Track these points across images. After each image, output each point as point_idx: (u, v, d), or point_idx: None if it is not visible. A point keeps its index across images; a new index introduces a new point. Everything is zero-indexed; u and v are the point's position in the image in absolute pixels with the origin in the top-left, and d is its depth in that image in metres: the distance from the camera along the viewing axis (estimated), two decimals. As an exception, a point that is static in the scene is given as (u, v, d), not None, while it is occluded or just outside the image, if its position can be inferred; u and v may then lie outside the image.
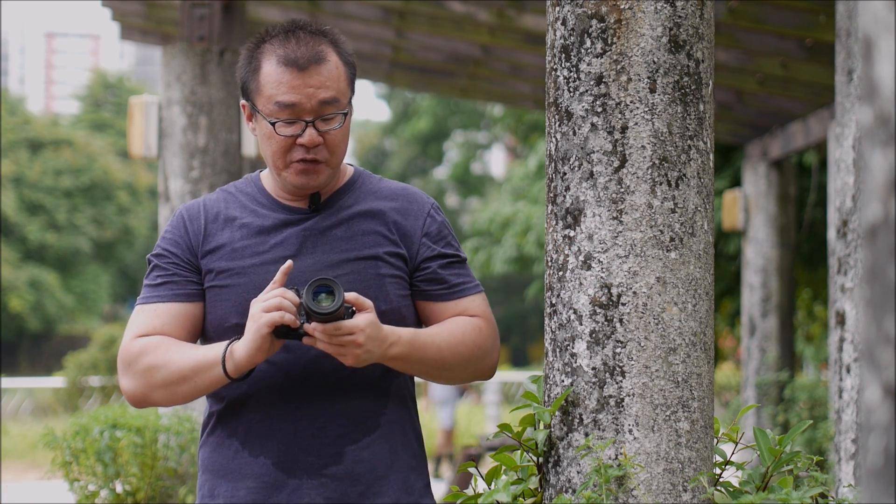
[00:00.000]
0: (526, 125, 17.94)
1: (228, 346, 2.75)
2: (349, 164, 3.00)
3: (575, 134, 2.64)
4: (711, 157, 2.69)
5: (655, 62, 2.61)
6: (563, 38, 2.67)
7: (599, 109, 2.62)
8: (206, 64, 6.78)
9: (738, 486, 2.65)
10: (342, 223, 2.88)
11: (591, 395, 2.60)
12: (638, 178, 2.61)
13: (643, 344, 2.59)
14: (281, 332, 2.70)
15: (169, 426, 5.83)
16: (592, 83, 2.63)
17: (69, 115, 49.31)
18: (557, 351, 2.66)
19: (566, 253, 2.64)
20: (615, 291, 2.60)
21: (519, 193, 19.19)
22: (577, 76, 2.65)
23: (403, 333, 2.77)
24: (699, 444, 2.61)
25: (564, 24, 2.67)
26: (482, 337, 2.89)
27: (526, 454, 2.70)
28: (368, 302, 2.71)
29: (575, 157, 2.64)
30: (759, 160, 10.95)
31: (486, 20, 8.84)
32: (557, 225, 2.67)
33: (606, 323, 2.60)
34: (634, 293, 2.59)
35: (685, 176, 2.63)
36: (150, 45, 10.92)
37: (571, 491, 2.60)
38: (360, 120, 53.72)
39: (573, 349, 2.63)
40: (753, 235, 10.92)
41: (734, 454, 2.70)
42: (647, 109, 2.61)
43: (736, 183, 12.56)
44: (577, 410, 2.61)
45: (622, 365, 2.59)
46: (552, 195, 2.69)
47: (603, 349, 2.60)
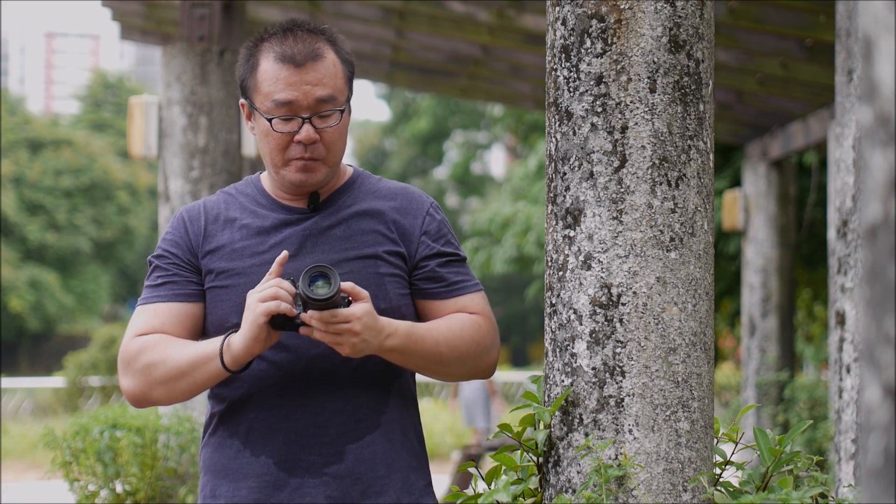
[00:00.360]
0: (526, 125, 17.94)
1: (225, 338, 2.75)
2: (348, 164, 3.00)
3: (575, 134, 2.64)
4: (711, 157, 2.69)
5: (655, 62, 2.61)
6: (563, 38, 2.67)
7: (599, 109, 2.62)
8: (206, 64, 6.78)
9: (738, 486, 2.65)
10: (341, 223, 2.88)
11: (591, 395, 2.60)
12: (638, 178, 2.61)
13: (643, 344, 2.59)
14: (278, 322, 2.70)
15: (169, 426, 5.83)
16: (592, 83, 2.63)
17: (69, 115, 49.30)
18: (557, 351, 2.66)
19: (566, 253, 2.64)
20: (615, 291, 2.60)
21: (519, 193, 19.20)
22: (577, 76, 2.65)
23: (400, 326, 2.77)
24: (699, 444, 2.61)
25: (564, 24, 2.67)
26: (481, 334, 2.89)
27: (526, 454, 2.70)
28: (364, 292, 2.71)
29: (575, 157, 2.64)
30: (759, 160, 10.95)
31: (486, 20, 8.84)
32: (557, 225, 2.67)
33: (606, 323, 2.60)
34: (634, 293, 2.59)
35: (685, 176, 2.63)
36: (150, 45, 10.92)
37: (571, 491, 2.60)
38: (360, 120, 53.70)
39: (573, 349, 2.63)
40: (753, 235, 10.92)
41: (734, 454, 2.70)
42: (647, 109, 2.61)
43: (736, 183, 12.56)
44: (577, 410, 2.61)
45: (622, 365, 2.59)
46: (552, 195, 2.69)
47: (603, 349, 2.60)
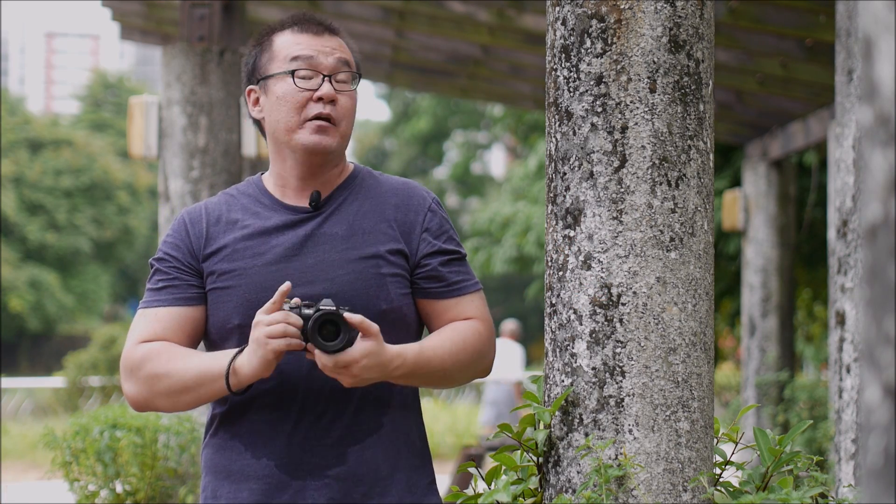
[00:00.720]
0: (526, 125, 17.94)
1: (231, 362, 2.75)
2: (350, 161, 3.01)
3: (575, 134, 2.64)
4: (711, 157, 2.69)
5: (655, 62, 2.61)
6: (563, 38, 2.67)
7: (599, 109, 2.62)
8: (206, 64, 6.78)
9: (738, 486, 2.65)
10: (343, 222, 2.88)
11: (591, 395, 2.60)
12: (638, 178, 2.61)
13: (643, 344, 2.59)
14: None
15: (169, 426, 5.83)
16: (592, 83, 2.63)
17: (69, 115, 49.27)
18: (557, 351, 2.66)
19: (566, 253, 2.64)
20: (615, 291, 2.60)
21: (519, 193, 19.20)
22: (577, 76, 2.65)
23: (409, 355, 2.77)
24: (699, 444, 2.61)
25: (564, 24, 2.67)
26: (481, 342, 2.90)
27: (526, 454, 2.70)
28: (374, 327, 2.70)
29: (575, 157, 2.64)
30: (759, 160, 10.95)
31: (486, 20, 8.84)
32: (557, 225, 2.67)
33: (606, 323, 2.60)
34: (634, 293, 2.59)
35: (685, 176, 2.63)
36: (150, 45, 10.92)
37: (571, 491, 2.60)
38: (360, 120, 53.66)
39: (573, 349, 2.62)
40: (753, 235, 10.92)
41: (734, 454, 2.70)
42: (647, 109, 2.61)
43: (736, 183, 12.56)
44: (577, 410, 2.61)
45: (622, 365, 2.59)
46: (552, 195, 2.69)
47: (603, 349, 2.60)
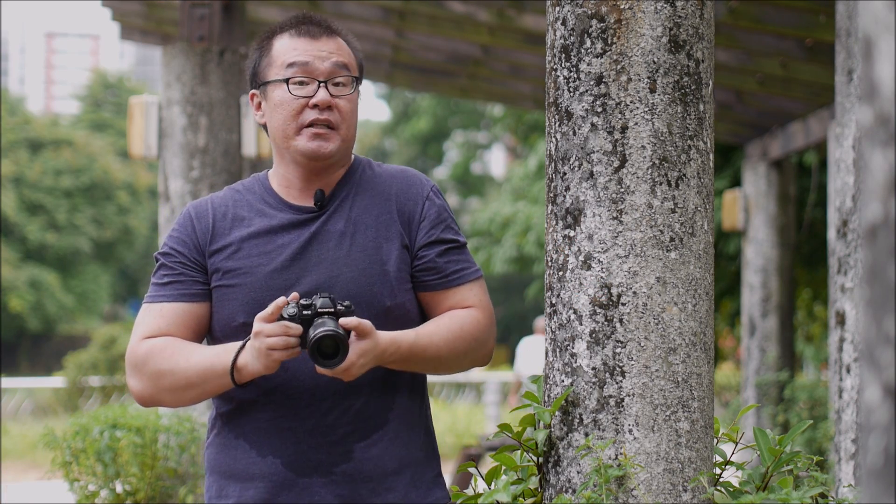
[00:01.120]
0: (526, 125, 17.94)
1: (234, 360, 2.76)
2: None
3: (575, 134, 2.64)
4: (711, 157, 2.69)
5: (655, 62, 2.61)
6: (563, 38, 2.67)
7: (599, 109, 2.62)
8: (206, 64, 6.78)
9: (738, 486, 2.65)
10: (346, 219, 2.89)
11: (591, 395, 2.60)
12: (638, 178, 2.61)
13: (643, 344, 2.59)
14: None
15: (169, 426, 5.83)
16: (592, 83, 2.63)
17: (69, 115, 49.26)
18: (557, 351, 2.66)
19: (566, 253, 2.64)
20: (615, 291, 2.60)
21: (519, 193, 19.20)
22: (577, 76, 2.65)
23: (403, 342, 2.79)
24: (699, 444, 2.61)
25: (564, 24, 2.67)
26: (479, 329, 2.91)
27: (526, 454, 2.70)
28: (367, 325, 2.73)
29: (575, 157, 2.64)
30: (759, 160, 10.95)
31: (486, 20, 8.84)
32: (557, 225, 2.67)
33: (606, 323, 2.60)
34: (634, 293, 2.59)
35: (685, 176, 2.63)
36: (150, 45, 10.92)
37: (571, 491, 2.60)
38: (360, 120, 53.57)
39: (573, 349, 2.62)
40: (753, 235, 10.92)
41: (734, 454, 2.70)
42: (647, 109, 2.61)
43: (736, 183, 12.56)
44: (577, 410, 2.61)
45: (622, 365, 2.59)
46: (552, 195, 2.69)
47: (603, 349, 2.60)
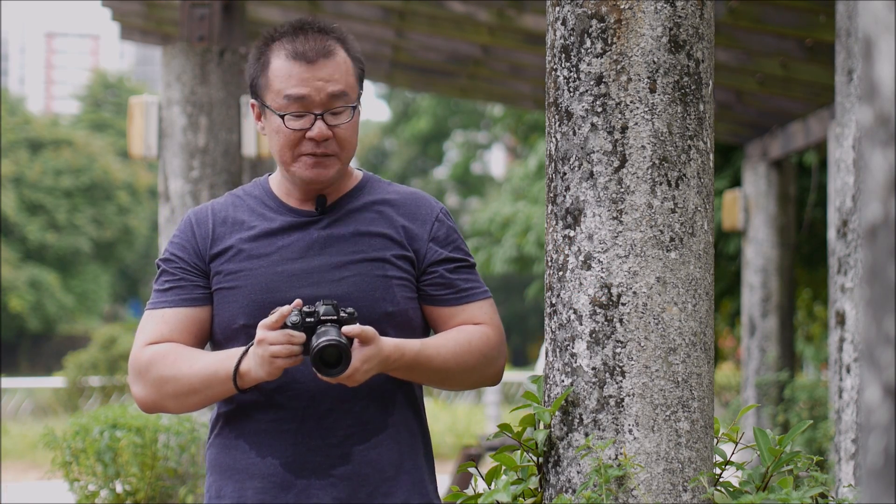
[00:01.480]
0: (526, 125, 17.93)
1: (237, 366, 2.76)
2: (358, 168, 3.01)
3: (575, 134, 2.64)
4: (711, 157, 2.69)
5: (655, 62, 2.61)
6: (563, 38, 2.67)
7: (599, 109, 2.62)
8: (206, 64, 6.78)
9: (738, 486, 2.65)
10: (349, 226, 2.89)
11: (591, 395, 2.60)
12: (638, 178, 2.61)
13: (643, 344, 2.59)
14: None
15: (169, 426, 5.83)
16: (592, 83, 2.63)
17: (69, 115, 49.25)
18: (557, 351, 2.66)
19: (566, 253, 2.64)
20: (615, 291, 2.60)
21: (519, 193, 19.20)
22: (577, 76, 2.65)
23: (408, 351, 2.78)
24: (699, 444, 2.61)
25: (564, 24, 2.67)
26: (489, 346, 2.88)
27: (526, 454, 2.70)
28: (370, 332, 2.72)
29: (575, 157, 2.64)
30: (759, 160, 10.95)
31: (486, 20, 8.84)
32: (557, 225, 2.67)
33: (606, 323, 2.60)
34: (634, 293, 2.59)
35: (685, 176, 2.63)
36: (150, 45, 10.92)
37: (571, 491, 2.60)
38: (360, 120, 53.54)
39: (573, 349, 2.62)
40: (753, 235, 10.92)
41: (734, 454, 2.70)
42: (647, 109, 2.61)
43: (736, 183, 12.56)
44: (577, 410, 2.61)
45: (622, 365, 2.59)
46: (552, 195, 2.69)
47: (603, 349, 2.60)
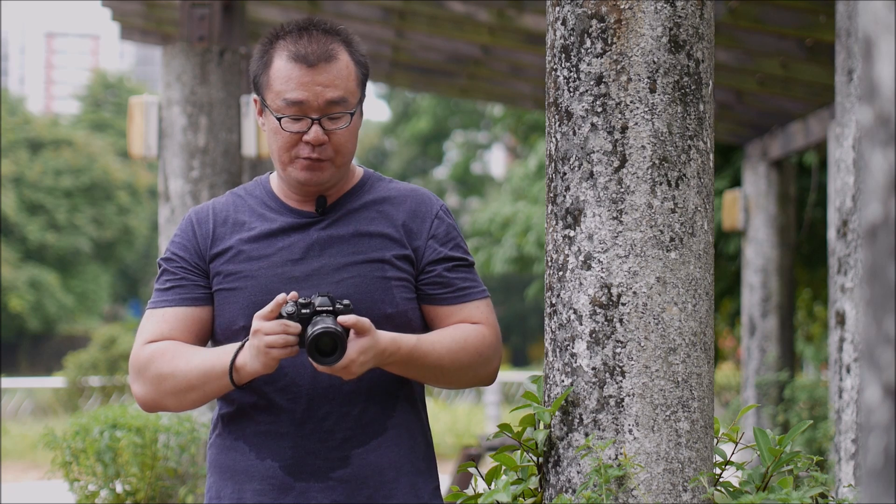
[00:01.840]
0: (526, 125, 17.93)
1: (233, 360, 2.76)
2: (360, 166, 3.00)
3: (575, 134, 2.64)
4: (711, 157, 2.69)
5: (655, 62, 2.61)
6: (563, 38, 2.67)
7: (599, 109, 2.62)
8: (206, 64, 6.78)
9: (738, 486, 2.65)
10: (349, 226, 2.88)
11: (591, 395, 2.60)
12: (638, 178, 2.61)
13: (643, 344, 2.59)
14: None
15: (169, 426, 5.83)
16: (592, 83, 2.63)
17: (69, 115, 49.23)
18: (557, 351, 2.66)
19: (566, 253, 2.64)
20: (615, 291, 2.60)
21: (519, 193, 19.20)
22: (577, 76, 2.65)
23: (404, 345, 2.78)
24: (699, 444, 2.61)
25: (564, 24, 2.67)
26: (484, 345, 2.88)
27: (526, 454, 2.70)
28: (366, 322, 2.72)
29: (575, 157, 2.64)
30: (759, 160, 10.95)
31: (486, 20, 8.84)
32: (557, 225, 2.67)
33: (606, 323, 2.60)
34: (634, 293, 2.59)
35: (685, 176, 2.63)
36: (150, 45, 10.93)
37: (571, 491, 2.60)
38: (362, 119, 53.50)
39: (573, 349, 2.62)
40: (753, 235, 10.92)
41: (734, 454, 2.70)
42: (647, 109, 2.61)
43: (736, 183, 12.56)
44: (577, 410, 2.61)
45: (622, 365, 2.59)
46: (552, 195, 2.69)
47: (603, 349, 2.60)
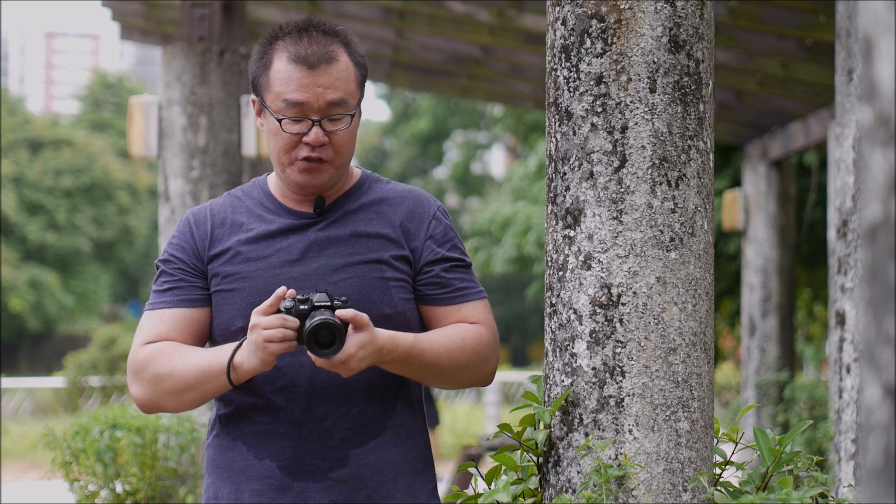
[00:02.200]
0: (526, 125, 17.93)
1: (231, 358, 2.76)
2: (357, 167, 3.00)
3: (575, 134, 2.64)
4: (711, 157, 2.69)
5: (655, 62, 2.61)
6: (563, 38, 2.67)
7: (599, 109, 2.62)
8: (206, 64, 6.78)
9: (738, 486, 2.65)
10: (347, 227, 2.88)
11: (591, 395, 2.60)
12: (638, 178, 2.61)
13: (643, 344, 2.59)
14: None
15: (169, 426, 5.83)
16: (592, 83, 2.63)
17: (69, 115, 49.23)
18: (557, 351, 2.66)
19: (566, 253, 2.64)
20: (615, 291, 2.60)
21: (519, 193, 19.20)
22: (577, 76, 2.65)
23: (402, 343, 2.77)
24: (699, 444, 2.61)
25: (564, 24, 2.67)
26: (482, 344, 2.88)
27: (526, 454, 2.70)
28: (364, 317, 2.71)
29: (575, 157, 2.64)
30: (759, 160, 10.95)
31: (486, 20, 8.84)
32: (557, 225, 2.67)
33: (606, 323, 2.60)
34: (634, 293, 2.59)
35: (685, 176, 2.63)
36: (150, 45, 10.93)
37: (571, 491, 2.60)
38: (360, 120, 53.51)
39: (573, 349, 2.62)
40: (753, 235, 10.92)
41: (734, 454, 2.70)
42: (647, 109, 2.61)
43: (736, 183, 12.56)
44: (577, 410, 2.61)
45: (622, 365, 2.59)
46: (552, 195, 2.69)
47: (603, 349, 2.60)
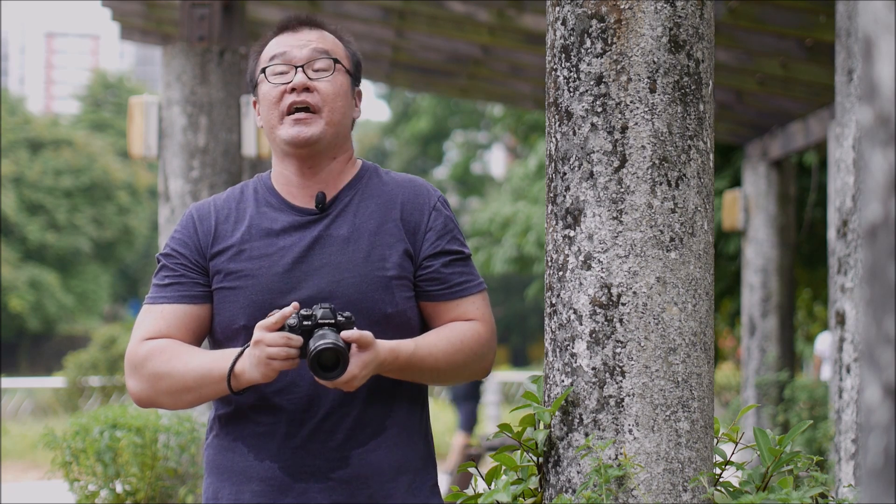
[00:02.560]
0: (526, 125, 17.94)
1: (232, 366, 2.76)
2: (358, 158, 3.00)
3: (575, 134, 2.64)
4: (711, 157, 2.69)
5: (655, 62, 2.61)
6: (563, 38, 2.67)
7: (599, 109, 2.62)
8: (206, 64, 6.78)
9: (738, 486, 2.65)
10: (349, 223, 2.88)
11: (591, 395, 2.60)
12: (638, 178, 2.61)
13: (643, 344, 2.59)
14: None
15: (169, 426, 5.83)
16: (592, 83, 2.63)
17: (69, 115, 49.22)
18: (557, 351, 2.66)
19: (566, 253, 2.64)
20: (615, 291, 2.60)
21: (519, 193, 19.21)
22: (577, 76, 2.65)
23: (402, 354, 2.78)
24: (699, 444, 2.61)
25: (564, 24, 2.67)
26: (480, 343, 2.89)
27: (526, 454, 2.70)
28: (368, 337, 2.72)
29: (575, 157, 2.64)
30: (759, 160, 10.95)
31: (486, 20, 8.84)
32: (557, 225, 2.67)
33: (606, 323, 2.60)
34: (634, 293, 2.59)
35: (685, 176, 2.63)
36: (150, 45, 10.93)
37: (571, 491, 2.60)
38: (360, 120, 53.54)
39: (573, 349, 2.62)
40: (753, 235, 10.92)
41: (734, 454, 2.70)
42: (647, 109, 2.61)
43: (736, 183, 12.56)
44: (577, 410, 2.61)
45: (622, 365, 2.59)
46: (552, 195, 2.69)
47: (603, 349, 2.60)
